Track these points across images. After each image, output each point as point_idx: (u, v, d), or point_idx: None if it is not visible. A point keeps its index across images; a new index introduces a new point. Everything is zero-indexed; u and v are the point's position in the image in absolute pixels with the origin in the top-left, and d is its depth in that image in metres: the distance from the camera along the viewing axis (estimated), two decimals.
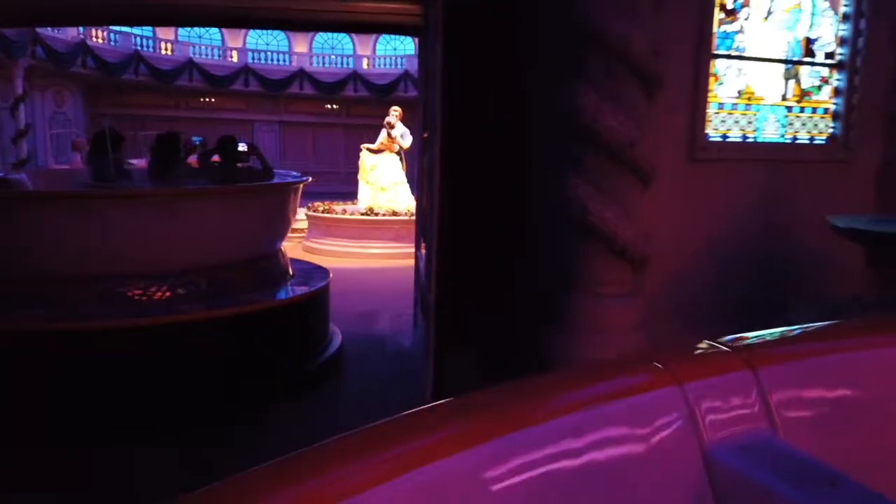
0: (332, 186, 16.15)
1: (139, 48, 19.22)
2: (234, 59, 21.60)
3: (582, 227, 3.18)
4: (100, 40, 17.98)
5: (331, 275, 5.00)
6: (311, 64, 22.21)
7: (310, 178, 5.17)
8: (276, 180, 5.07)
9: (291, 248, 9.77)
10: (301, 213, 11.01)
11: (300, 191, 5.04)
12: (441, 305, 3.79)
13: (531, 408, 0.90)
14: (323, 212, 9.92)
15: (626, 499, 0.89)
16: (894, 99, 3.60)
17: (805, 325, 1.18)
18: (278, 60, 22.07)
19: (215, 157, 5.03)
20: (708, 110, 3.44)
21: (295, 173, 5.59)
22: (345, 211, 9.98)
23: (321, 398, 4.15)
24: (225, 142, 5.15)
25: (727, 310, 3.27)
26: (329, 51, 22.45)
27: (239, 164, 5.29)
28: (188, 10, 5.24)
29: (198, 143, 11.33)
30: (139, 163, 9.07)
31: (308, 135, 23.53)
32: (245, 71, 21.25)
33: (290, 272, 4.89)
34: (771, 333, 1.11)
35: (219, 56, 21.43)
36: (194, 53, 20.69)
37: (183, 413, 3.58)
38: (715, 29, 3.37)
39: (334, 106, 22.68)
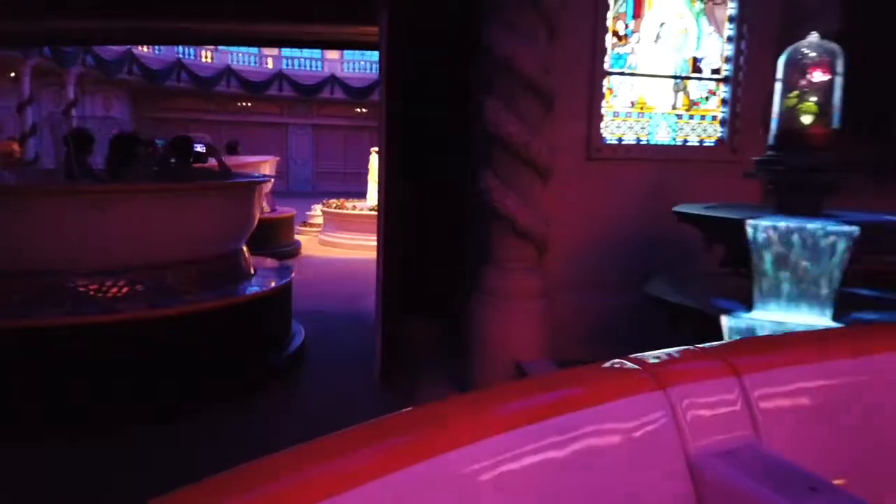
0: (361, 186, 17.10)
1: (181, 56, 20.52)
2: (270, 66, 22.80)
3: (491, 213, 3.95)
4: (145, 49, 19.33)
5: (293, 274, 5.19)
6: (342, 70, 23.26)
7: (272, 179, 5.39)
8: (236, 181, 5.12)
9: (308, 241, 10.74)
10: (317, 209, 11.97)
11: (259, 192, 5.08)
12: (386, 284, 4.60)
13: (514, 412, 0.89)
14: (335, 208, 10.83)
15: None
16: (768, 109, 4.26)
17: (790, 332, 1.19)
18: (311, 67, 23.18)
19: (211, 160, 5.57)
20: (605, 118, 4.17)
21: (258, 174, 5.77)
22: (354, 207, 10.86)
23: (273, 398, 4.28)
24: (177, 142, 5.24)
25: (613, 282, 4.00)
26: (359, 57, 23.48)
27: (201, 165, 5.55)
28: (183, 32, 6.12)
29: (160, 144, 12.13)
30: None
31: (339, 137, 24.61)
32: (279, 77, 22.44)
33: (251, 272, 4.96)
34: (756, 340, 1.13)
35: (255, 63, 22.64)
36: (232, 61, 21.94)
37: (118, 413, 3.67)
38: (608, 51, 4.10)
39: (363, 109, 23.69)
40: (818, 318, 2.74)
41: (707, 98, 4.35)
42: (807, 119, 3.15)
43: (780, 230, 2.76)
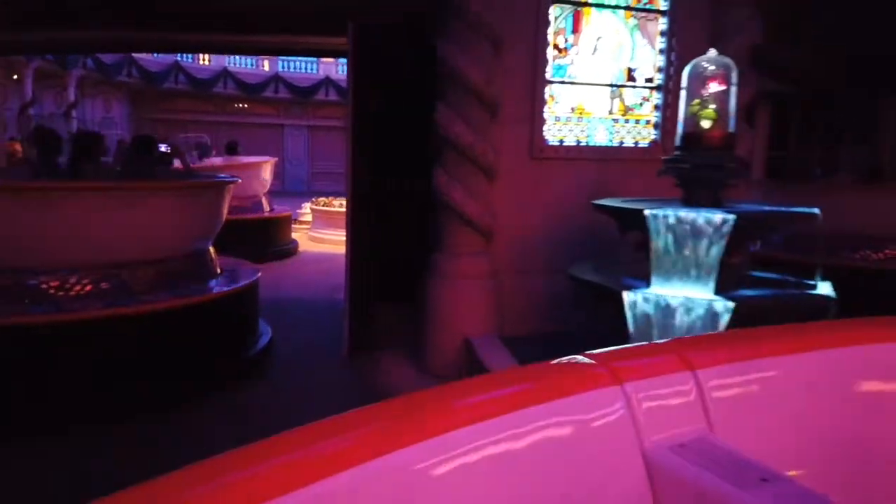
0: None
1: (179, 59, 21.03)
2: (266, 69, 23.30)
3: (443, 205, 4.45)
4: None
5: (258, 274, 5.17)
6: (336, 72, 23.73)
7: (239, 180, 5.38)
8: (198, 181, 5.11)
9: (299, 237, 11.23)
10: (307, 207, 12.46)
11: (224, 193, 5.03)
12: (353, 273, 5.09)
13: (470, 408, 0.89)
14: (323, 206, 11.32)
15: (565, 498, 0.90)
16: None
17: (743, 328, 1.27)
18: (306, 69, 23.67)
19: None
20: (547, 122, 4.66)
21: (224, 175, 5.83)
22: (341, 205, 11.33)
23: (238, 397, 4.27)
24: (138, 141, 5.19)
25: (553, 267, 4.48)
26: None
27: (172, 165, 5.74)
28: (172, 42, 6.59)
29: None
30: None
31: (334, 138, 25.07)
32: (275, 79, 22.95)
33: (215, 272, 4.94)
34: (709, 336, 1.20)
35: (252, 65, 23.14)
36: (229, 63, 22.44)
37: (70, 412, 3.67)
38: (550, 62, 4.60)
39: None
40: (703, 292, 3.23)
41: (641, 104, 4.84)
42: (706, 123, 3.64)
43: (670, 218, 3.25)
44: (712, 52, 3.71)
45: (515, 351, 4.13)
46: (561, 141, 4.72)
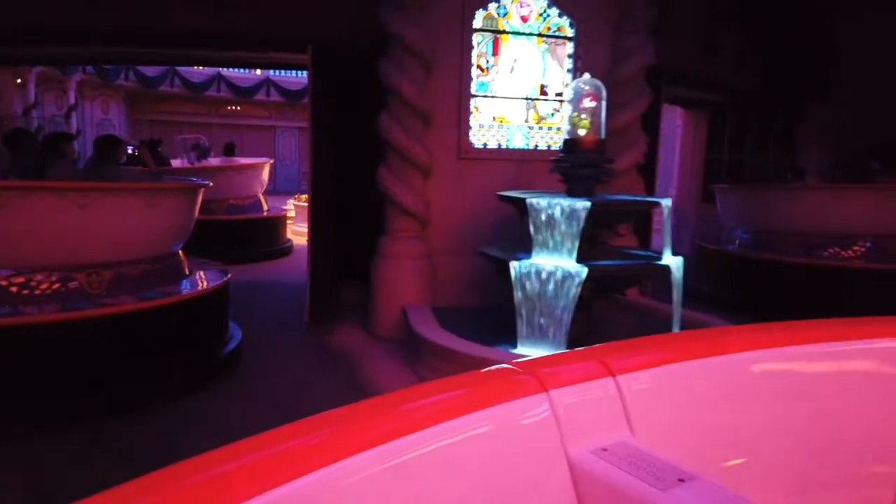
0: None
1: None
2: (258, 72, 24.23)
3: (386, 198, 5.44)
4: None
5: (227, 276, 5.14)
6: None
7: (209, 183, 5.46)
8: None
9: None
10: (290, 203, 13.44)
11: (194, 196, 5.01)
12: (314, 256, 6.07)
13: (398, 419, 0.90)
14: (305, 201, 12.29)
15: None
16: (608, 122, 5.73)
17: (662, 334, 1.32)
18: (297, 73, 24.60)
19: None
20: (472, 128, 5.65)
21: (197, 179, 5.79)
22: None
23: (204, 399, 4.28)
24: (100, 142, 5.03)
25: (476, 249, 5.47)
26: None
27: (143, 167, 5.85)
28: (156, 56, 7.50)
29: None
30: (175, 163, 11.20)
31: None
32: (267, 83, 23.89)
33: (183, 275, 4.95)
34: (629, 342, 1.22)
35: (244, 70, 24.06)
36: (223, 68, 23.36)
37: (19, 417, 3.66)
38: (474, 79, 5.59)
39: None
40: (567, 261, 4.22)
41: (552, 114, 5.84)
42: (582, 131, 4.64)
43: (542, 204, 4.24)
44: (587, 76, 4.71)
45: (441, 318, 5.07)
46: (485, 144, 5.72)
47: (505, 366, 1.07)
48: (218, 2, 6.13)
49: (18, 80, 16.56)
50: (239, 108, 24.63)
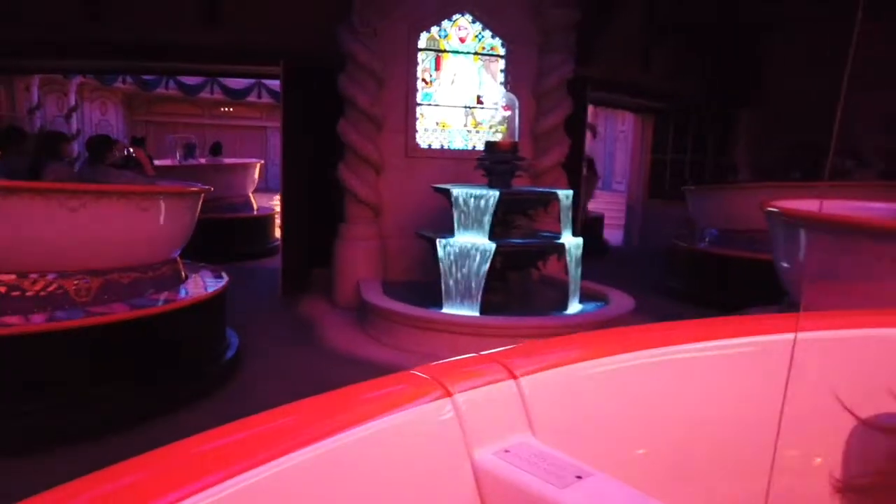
0: None
1: None
2: None
3: (345, 190, 6.50)
4: None
5: (224, 282, 4.97)
6: None
7: (210, 188, 5.23)
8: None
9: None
10: (276, 198, 14.47)
11: (195, 202, 4.81)
12: (286, 242, 7.11)
13: (300, 428, 0.90)
14: None
15: None
16: (535, 126, 6.80)
17: (562, 336, 1.33)
18: None
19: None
20: (419, 132, 6.70)
21: (198, 184, 5.35)
22: None
23: (199, 412, 4.12)
24: (93, 142, 4.89)
25: (418, 232, 6.52)
26: None
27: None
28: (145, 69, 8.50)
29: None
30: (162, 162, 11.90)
31: None
32: (258, 85, 24.86)
33: (179, 282, 4.77)
34: (530, 344, 1.24)
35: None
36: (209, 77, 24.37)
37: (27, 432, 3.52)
38: (419, 91, 6.64)
39: None
40: (480, 240, 5.27)
41: (487, 120, 6.91)
42: (499, 136, 5.71)
43: (462, 194, 5.30)
44: (502, 90, 5.78)
45: (388, 290, 6.11)
46: (429, 145, 6.77)
47: (412, 371, 1.09)
48: (207, 20, 7.18)
49: (25, 87, 17.61)
50: (231, 109, 25.63)
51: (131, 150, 5.53)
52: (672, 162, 11.48)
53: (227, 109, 25.70)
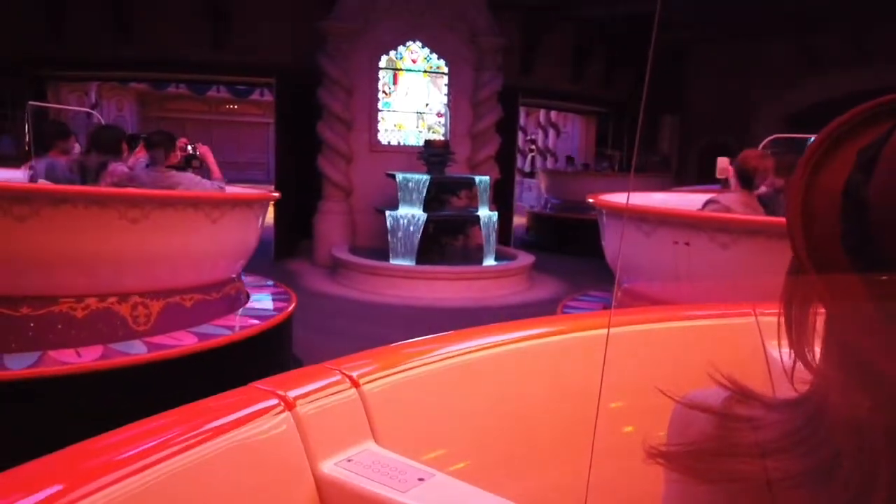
0: None
1: None
2: None
3: (322, 175, 8.49)
4: None
5: (293, 303, 4.61)
6: None
7: (278, 195, 5.23)
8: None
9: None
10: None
11: (260, 209, 4.40)
12: (277, 222, 9.10)
13: (138, 450, 0.83)
14: None
15: None
16: (472, 128, 8.77)
17: (403, 342, 1.33)
18: None
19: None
20: (380, 131, 8.66)
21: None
22: None
23: None
24: (96, 134, 4.40)
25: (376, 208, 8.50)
26: None
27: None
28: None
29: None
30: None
31: None
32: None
33: (242, 303, 4.39)
34: (374, 351, 1.24)
35: None
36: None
37: None
38: (380, 100, 8.61)
39: None
40: (416, 211, 7.23)
41: (438, 123, 8.89)
42: (435, 134, 7.68)
43: (406, 178, 7.27)
44: (443, 99, 7.75)
45: (354, 251, 8.09)
46: (388, 142, 8.76)
47: (253, 385, 1.05)
48: (216, 44, 9.17)
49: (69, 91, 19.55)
50: (236, 106, 27.64)
51: (194, 147, 5.01)
52: (611, 156, 13.44)
53: (232, 107, 27.70)
